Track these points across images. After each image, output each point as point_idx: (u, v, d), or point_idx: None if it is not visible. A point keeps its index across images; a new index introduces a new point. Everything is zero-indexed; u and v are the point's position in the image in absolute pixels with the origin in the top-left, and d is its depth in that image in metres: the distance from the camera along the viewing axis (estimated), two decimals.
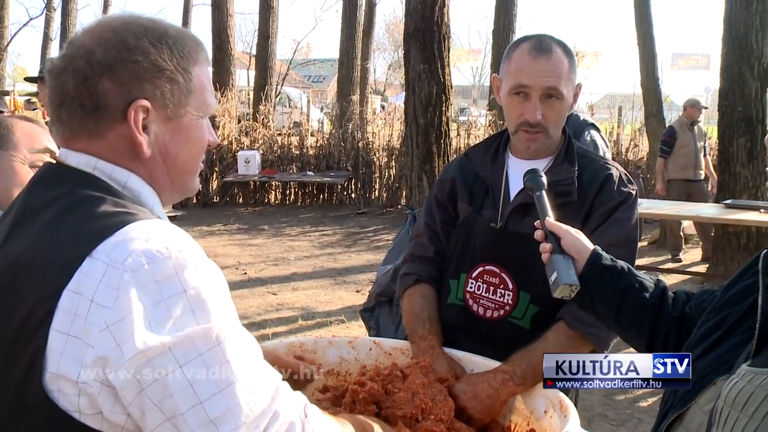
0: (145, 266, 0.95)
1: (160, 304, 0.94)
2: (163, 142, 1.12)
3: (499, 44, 12.72)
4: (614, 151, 12.45)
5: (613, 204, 1.88)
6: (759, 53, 7.62)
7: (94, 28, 1.11)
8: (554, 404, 1.61)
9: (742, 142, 7.69)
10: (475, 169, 2.03)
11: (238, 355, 0.98)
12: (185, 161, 1.16)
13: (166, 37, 1.11)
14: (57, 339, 0.94)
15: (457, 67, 40.97)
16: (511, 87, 1.87)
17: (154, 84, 1.09)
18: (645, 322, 1.47)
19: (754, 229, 7.54)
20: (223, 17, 16.09)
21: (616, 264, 1.53)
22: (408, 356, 1.90)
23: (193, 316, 0.95)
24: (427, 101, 7.50)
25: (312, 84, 42.69)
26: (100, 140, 1.09)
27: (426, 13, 7.47)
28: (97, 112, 1.08)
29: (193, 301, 0.96)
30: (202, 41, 1.20)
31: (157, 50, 1.09)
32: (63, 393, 0.94)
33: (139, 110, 1.08)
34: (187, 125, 1.15)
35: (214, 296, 0.99)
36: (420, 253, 2.10)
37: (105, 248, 0.96)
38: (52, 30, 24.66)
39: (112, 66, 1.06)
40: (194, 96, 1.14)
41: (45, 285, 0.96)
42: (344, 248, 9.56)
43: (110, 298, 0.93)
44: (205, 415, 0.94)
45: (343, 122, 13.13)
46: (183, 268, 0.97)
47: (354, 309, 6.35)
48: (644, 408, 4.64)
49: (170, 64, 1.10)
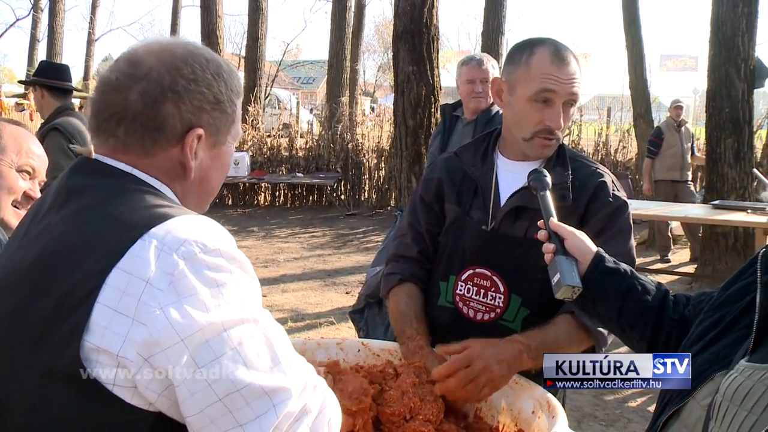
0: (198, 255, 1.01)
1: (212, 290, 1.00)
2: (205, 167, 1.21)
3: (488, 46, 12.73)
4: (603, 152, 12.52)
5: (609, 210, 1.87)
6: (745, 55, 7.67)
7: (162, 52, 1.16)
8: (542, 405, 1.61)
9: (729, 143, 7.74)
10: (465, 168, 2.01)
11: (281, 339, 1.07)
12: (215, 185, 1.26)
13: (222, 71, 1.20)
14: (103, 313, 0.98)
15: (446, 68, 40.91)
16: (535, 93, 1.82)
17: (210, 115, 1.18)
18: (647, 325, 1.47)
19: (742, 230, 7.58)
20: (212, 19, 16.06)
21: (619, 267, 1.53)
22: (396, 357, 1.89)
23: (242, 303, 1.03)
24: (416, 103, 7.50)
25: (301, 85, 42.63)
26: (147, 159, 1.15)
27: (415, 15, 7.48)
28: (157, 132, 1.14)
29: (241, 290, 1.04)
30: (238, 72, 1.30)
31: (217, 84, 1.18)
32: (101, 364, 0.98)
33: (195, 138, 1.16)
34: (224, 152, 1.24)
35: (254, 289, 1.07)
36: (403, 253, 2.09)
37: (158, 233, 1.02)
38: (39, 31, 24.57)
39: (180, 93, 1.14)
40: (235, 125, 1.24)
41: (93, 262, 1.00)
42: (334, 250, 9.55)
43: (165, 281, 0.98)
44: (260, 388, 1.00)
45: (333, 124, 13.12)
46: (231, 259, 1.05)
47: (343, 310, 6.35)
48: (633, 408, 4.65)
49: (225, 97, 1.19)
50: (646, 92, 11.66)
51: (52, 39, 22.85)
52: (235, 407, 0.99)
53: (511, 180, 1.94)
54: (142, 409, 1.00)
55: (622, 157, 12.56)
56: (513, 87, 1.88)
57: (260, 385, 1.00)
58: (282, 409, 1.01)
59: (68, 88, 4.37)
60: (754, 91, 7.90)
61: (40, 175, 2.07)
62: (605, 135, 12.76)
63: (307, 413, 1.05)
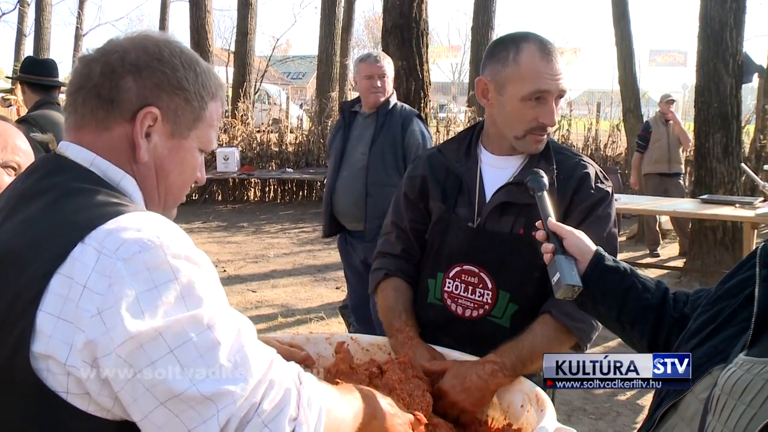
0: (137, 254, 0.97)
1: (151, 291, 0.96)
2: (160, 154, 1.17)
3: (478, 41, 12.74)
4: (593, 147, 12.56)
5: (591, 201, 1.88)
6: (734, 50, 7.70)
7: (137, 35, 1.19)
8: (531, 398, 1.61)
9: (717, 138, 7.77)
10: (448, 165, 2.00)
11: (229, 337, 1.00)
12: (174, 182, 1.21)
13: (196, 65, 1.20)
14: (46, 321, 0.95)
15: (436, 63, 41.00)
16: (530, 92, 1.81)
17: (170, 98, 1.15)
18: (647, 323, 1.47)
19: (730, 224, 7.61)
20: (201, 14, 15.98)
21: (619, 265, 1.53)
22: (385, 352, 1.89)
23: (184, 302, 0.98)
24: (406, 98, 7.47)
25: (291, 81, 42.50)
26: (105, 133, 1.14)
27: (404, 10, 7.47)
28: (110, 104, 1.13)
29: (183, 288, 0.98)
30: (224, 84, 1.27)
31: (185, 71, 1.17)
32: (51, 373, 0.96)
33: (148, 116, 1.13)
34: (186, 149, 1.20)
35: (204, 283, 1.01)
36: (388, 250, 2.10)
37: (98, 235, 0.98)
38: (26, 26, 24.33)
39: (141, 69, 1.13)
40: (201, 126, 1.21)
41: (34, 268, 0.98)
42: (324, 245, 9.53)
43: (103, 284, 0.95)
44: (199, 394, 0.95)
45: (323, 119, 13.09)
46: (174, 256, 0.99)
47: (333, 306, 6.35)
48: (623, 402, 4.68)
49: (191, 87, 1.18)
50: (635, 87, 11.70)
51: (39, 34, 22.65)
52: (180, 411, 0.96)
53: (495, 175, 1.94)
54: (100, 417, 0.98)
55: (612, 152, 12.60)
56: (502, 86, 1.86)
57: (199, 391, 0.95)
58: (226, 413, 0.96)
59: (46, 83, 4.31)
60: (742, 86, 7.95)
61: None
62: (595, 130, 12.79)
63: (261, 413, 0.99)
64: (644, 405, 4.63)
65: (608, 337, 5.38)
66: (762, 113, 10.50)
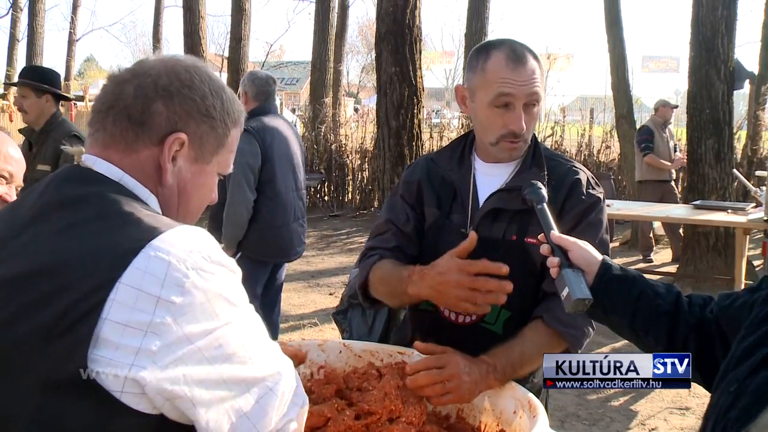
0: (205, 265, 1.03)
1: (218, 299, 1.04)
2: (184, 177, 1.21)
3: (471, 47, 12.71)
4: (586, 153, 12.59)
5: (582, 207, 1.87)
6: (725, 56, 7.74)
7: (169, 59, 1.22)
8: (523, 405, 1.61)
9: (710, 144, 7.80)
10: (442, 173, 2.00)
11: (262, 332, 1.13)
12: (194, 204, 1.27)
13: (222, 92, 1.24)
14: (111, 329, 0.98)
15: (430, 69, 41.14)
16: (494, 98, 1.81)
17: (197, 125, 1.19)
18: (661, 329, 1.44)
19: (723, 230, 7.64)
20: (194, 19, 15.96)
21: (628, 273, 1.50)
22: (378, 359, 1.89)
23: (241, 304, 1.08)
24: (399, 104, 7.50)
25: (285, 86, 42.49)
26: (132, 155, 1.17)
27: (397, 17, 7.48)
28: (141, 126, 1.16)
29: (237, 292, 1.08)
30: (244, 112, 1.32)
31: (212, 98, 1.21)
32: (108, 376, 0.99)
33: (176, 141, 1.17)
34: (207, 173, 1.25)
35: (244, 296, 1.11)
36: (379, 245, 2.03)
37: (161, 245, 1.02)
38: (18, 31, 24.24)
39: (173, 94, 1.17)
40: (223, 152, 1.25)
41: (92, 277, 0.99)
42: (317, 251, 9.53)
43: (176, 293, 1.00)
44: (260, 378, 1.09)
45: (316, 125, 13.09)
46: (224, 265, 1.07)
47: (327, 312, 6.34)
48: (616, 407, 4.68)
49: (217, 115, 1.22)
50: (628, 93, 11.74)
51: (32, 39, 22.56)
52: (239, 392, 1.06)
53: (489, 182, 1.94)
54: (145, 413, 1.01)
55: (605, 158, 12.64)
56: (474, 93, 1.88)
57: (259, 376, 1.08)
58: (278, 390, 1.10)
59: (64, 96, 4.49)
60: (734, 92, 7.98)
61: (17, 180, 2.05)
62: (588, 136, 12.83)
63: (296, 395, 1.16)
64: (637, 411, 4.63)
65: (600, 342, 5.39)
66: (754, 119, 10.57)
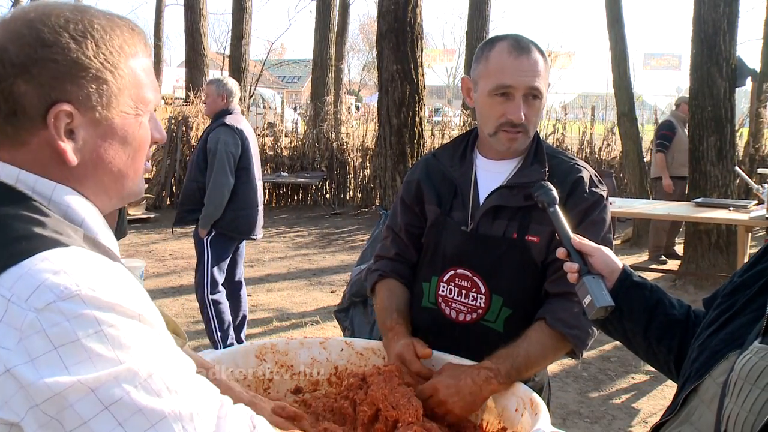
0: (53, 303, 0.84)
1: (75, 344, 0.84)
2: (93, 147, 1.02)
3: (472, 45, 12.74)
4: (587, 151, 12.58)
5: (585, 205, 1.87)
6: (727, 54, 7.73)
7: (9, 20, 0.99)
8: (525, 403, 1.61)
9: (711, 141, 7.79)
10: (443, 170, 2.01)
11: (170, 385, 0.90)
12: (122, 166, 1.06)
13: (91, 30, 1.00)
14: None
15: (431, 67, 41.07)
16: (493, 87, 1.83)
17: (77, 85, 0.98)
18: (674, 338, 1.46)
19: (725, 227, 7.63)
20: (196, 18, 15.98)
21: (646, 281, 1.51)
22: (380, 356, 1.89)
23: (114, 354, 0.86)
24: (401, 102, 7.51)
25: (286, 85, 42.53)
26: (23, 148, 0.99)
27: (399, 14, 7.48)
28: (14, 116, 0.97)
29: (111, 338, 0.86)
30: (139, 28, 1.08)
31: (79, 46, 0.98)
32: None
33: (61, 114, 0.97)
34: (122, 126, 1.04)
35: (136, 330, 0.89)
36: (382, 254, 2.12)
37: (7, 280, 0.86)
38: None
39: (28, 66, 0.95)
40: (128, 94, 1.04)
41: None
42: (319, 249, 9.53)
43: (12, 338, 0.83)
44: None
45: (318, 123, 13.09)
46: (97, 305, 0.86)
47: (329, 310, 6.34)
48: (618, 405, 4.68)
49: (96, 62, 0.99)
50: (629, 91, 11.70)
51: None
52: None
53: (490, 179, 1.94)
54: None
55: (606, 156, 12.63)
56: (476, 84, 1.91)
57: None
58: None
59: None
60: (736, 89, 7.96)
61: None
62: (589, 133, 12.82)
63: None
64: (639, 408, 4.63)
65: (603, 340, 5.38)
66: (755, 117, 10.54)
